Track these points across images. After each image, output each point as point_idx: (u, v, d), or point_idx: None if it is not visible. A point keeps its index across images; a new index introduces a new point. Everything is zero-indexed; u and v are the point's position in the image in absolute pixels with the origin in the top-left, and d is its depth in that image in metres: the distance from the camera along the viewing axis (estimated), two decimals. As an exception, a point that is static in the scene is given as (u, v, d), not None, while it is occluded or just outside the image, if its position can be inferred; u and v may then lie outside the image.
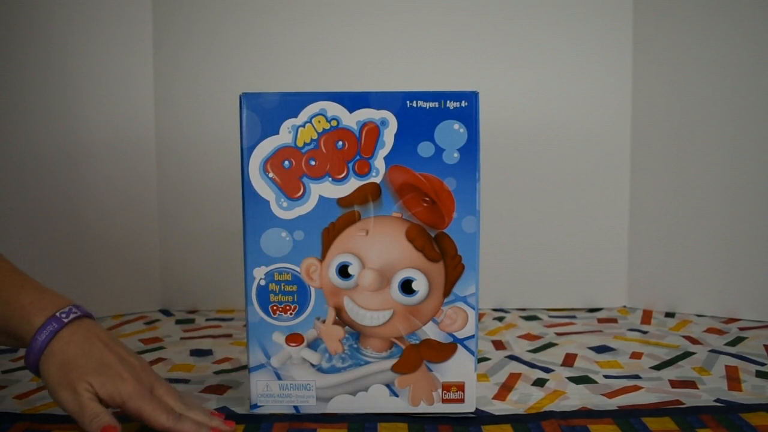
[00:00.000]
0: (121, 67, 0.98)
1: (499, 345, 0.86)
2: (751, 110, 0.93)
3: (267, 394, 0.63)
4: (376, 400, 0.63)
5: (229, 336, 0.90)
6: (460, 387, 0.63)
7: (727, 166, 0.95)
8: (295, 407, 0.63)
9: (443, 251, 0.61)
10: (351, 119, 0.60)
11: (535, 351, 0.83)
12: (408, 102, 0.60)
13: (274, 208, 0.61)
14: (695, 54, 0.95)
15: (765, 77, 0.91)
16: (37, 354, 0.56)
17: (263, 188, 0.60)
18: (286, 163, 0.60)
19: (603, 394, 0.69)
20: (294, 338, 0.62)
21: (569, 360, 0.80)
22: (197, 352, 0.83)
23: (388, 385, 0.63)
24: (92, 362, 0.56)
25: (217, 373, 0.76)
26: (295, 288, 0.62)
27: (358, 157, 0.60)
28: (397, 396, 0.63)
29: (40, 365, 0.57)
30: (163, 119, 1.01)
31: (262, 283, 0.62)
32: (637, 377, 0.74)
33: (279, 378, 0.63)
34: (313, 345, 0.62)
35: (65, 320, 0.57)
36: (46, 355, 0.56)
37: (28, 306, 0.57)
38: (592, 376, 0.74)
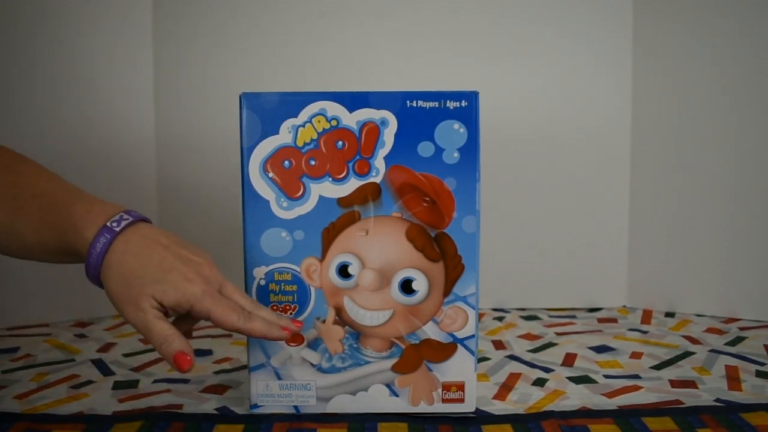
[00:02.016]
0: (121, 66, 0.98)
1: (499, 345, 0.86)
2: (751, 110, 0.93)
3: (267, 393, 0.63)
4: (376, 400, 0.63)
5: (229, 336, 0.90)
6: (460, 387, 0.63)
7: (727, 166, 0.95)
8: (295, 407, 0.63)
9: (443, 251, 0.61)
10: (351, 119, 0.60)
11: (535, 351, 0.83)
12: (408, 102, 0.60)
13: (274, 208, 0.61)
14: (695, 54, 0.95)
15: (765, 77, 0.91)
16: (96, 269, 0.54)
17: (263, 188, 0.60)
18: (286, 163, 0.60)
19: (603, 394, 0.69)
20: (294, 338, 0.62)
21: (569, 360, 0.80)
22: (197, 352, 0.83)
23: (388, 385, 0.63)
24: (151, 270, 0.53)
25: (216, 372, 0.76)
26: (295, 288, 0.62)
27: (358, 157, 0.60)
28: (397, 396, 0.63)
29: (102, 280, 0.54)
30: (164, 119, 1.01)
31: (262, 283, 0.62)
32: (637, 377, 0.74)
33: (279, 378, 0.63)
34: (313, 345, 0.62)
35: (117, 229, 0.54)
36: (104, 269, 0.53)
37: (79, 220, 0.54)
38: (592, 375, 0.74)
